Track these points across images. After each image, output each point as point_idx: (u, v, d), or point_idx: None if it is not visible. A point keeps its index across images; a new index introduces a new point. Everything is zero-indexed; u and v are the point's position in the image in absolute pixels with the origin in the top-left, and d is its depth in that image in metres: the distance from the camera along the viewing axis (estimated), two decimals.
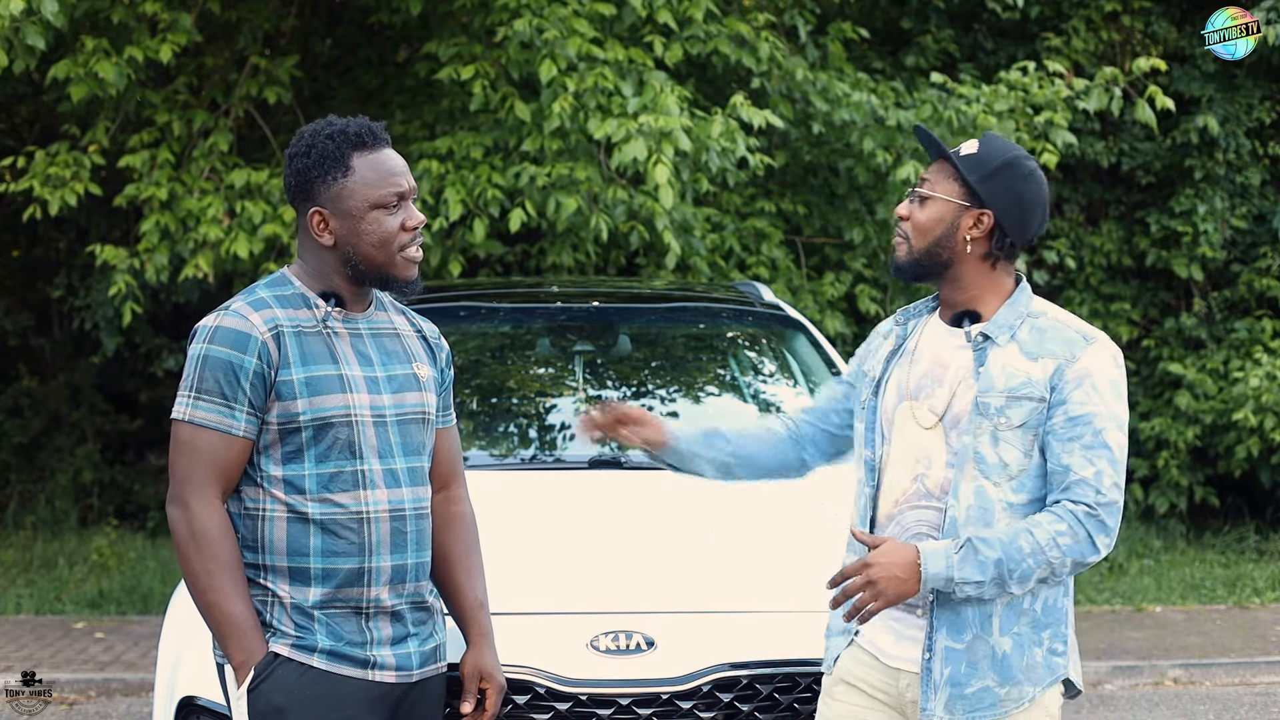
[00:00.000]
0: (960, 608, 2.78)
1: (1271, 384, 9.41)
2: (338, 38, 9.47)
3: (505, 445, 4.68)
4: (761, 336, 5.27)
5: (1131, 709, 6.68)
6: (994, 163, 2.85)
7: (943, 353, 2.89)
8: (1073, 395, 2.77)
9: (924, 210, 2.87)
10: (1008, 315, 2.85)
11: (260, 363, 2.79)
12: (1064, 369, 2.78)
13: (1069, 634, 2.86)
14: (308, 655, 2.80)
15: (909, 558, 2.71)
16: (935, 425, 2.84)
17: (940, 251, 2.86)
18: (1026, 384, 2.78)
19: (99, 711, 6.52)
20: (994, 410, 2.78)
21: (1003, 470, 2.77)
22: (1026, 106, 8.17)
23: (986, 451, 2.78)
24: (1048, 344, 2.81)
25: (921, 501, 2.85)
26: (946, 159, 2.89)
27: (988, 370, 2.80)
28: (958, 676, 2.78)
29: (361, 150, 2.85)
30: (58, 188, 7.50)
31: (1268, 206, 10.41)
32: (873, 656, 2.92)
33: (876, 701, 2.91)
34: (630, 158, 6.81)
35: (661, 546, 3.68)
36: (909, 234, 2.89)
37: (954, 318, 2.90)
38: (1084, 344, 2.81)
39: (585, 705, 3.20)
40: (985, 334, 2.84)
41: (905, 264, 2.90)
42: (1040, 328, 2.83)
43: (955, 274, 2.87)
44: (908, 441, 2.88)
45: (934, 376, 2.87)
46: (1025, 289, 2.90)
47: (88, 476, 10.34)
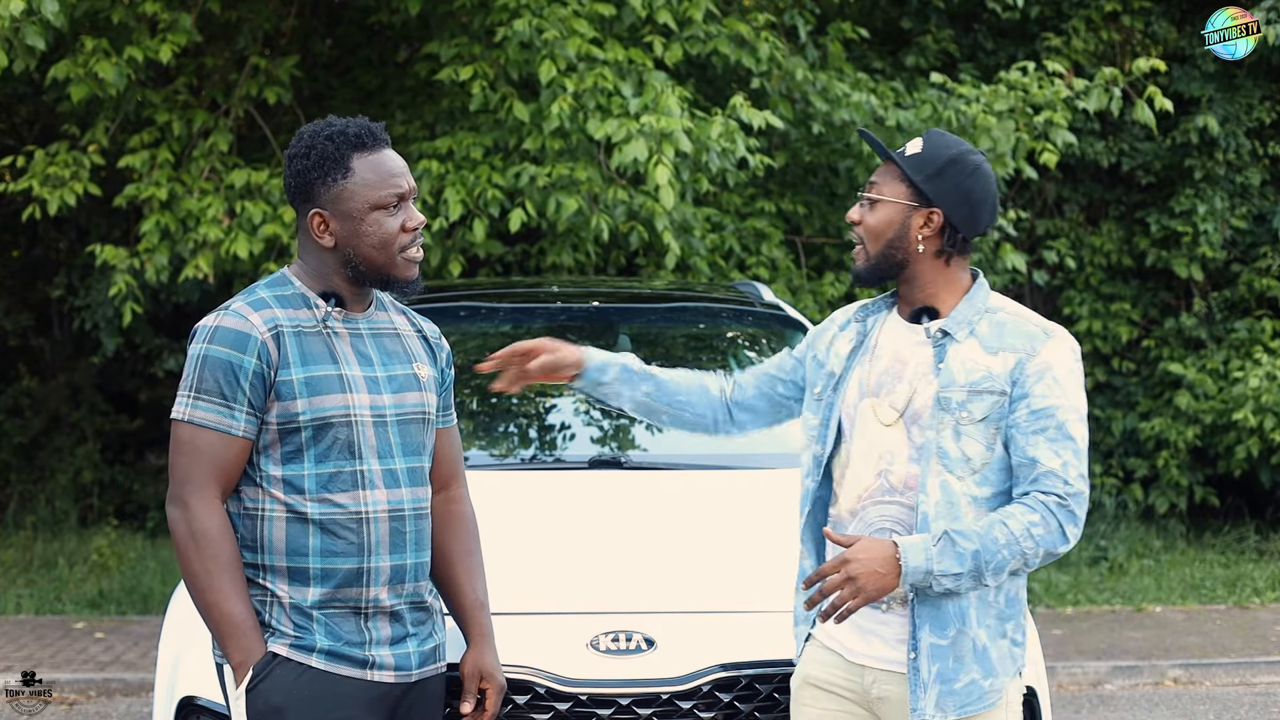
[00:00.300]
0: (941, 603, 2.79)
1: (1271, 384, 9.41)
2: (338, 38, 9.47)
3: (505, 445, 4.68)
4: (761, 336, 5.27)
5: (1131, 709, 6.68)
6: (939, 160, 2.86)
7: (902, 349, 2.91)
8: (1034, 388, 2.78)
9: (874, 214, 2.90)
10: (966, 311, 2.87)
11: (260, 363, 2.79)
12: (1025, 363, 2.80)
13: (1027, 625, 2.90)
14: (306, 655, 2.80)
15: (887, 552, 2.71)
16: (896, 421, 2.86)
17: (894, 253, 2.88)
18: (987, 378, 2.80)
19: (99, 711, 6.52)
20: (955, 405, 2.80)
21: (966, 464, 2.80)
22: (1026, 106, 8.17)
23: (949, 446, 2.80)
24: (1007, 338, 2.83)
25: (885, 497, 2.86)
26: (891, 160, 2.91)
27: (948, 366, 2.83)
28: (946, 673, 2.79)
29: (361, 151, 2.85)
30: (57, 187, 7.50)
31: (1268, 206, 10.41)
32: (836, 655, 2.92)
33: (844, 700, 2.92)
34: (631, 158, 6.82)
35: (661, 546, 3.68)
36: (864, 238, 2.91)
37: (912, 314, 2.92)
38: (1044, 338, 2.83)
39: (585, 705, 3.20)
40: (944, 330, 2.86)
41: (864, 270, 2.93)
42: (999, 322, 2.86)
43: (911, 273, 2.89)
44: (870, 438, 2.89)
45: (894, 373, 2.89)
46: (982, 285, 2.92)
47: (88, 476, 10.34)
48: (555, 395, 4.93)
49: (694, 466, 4.30)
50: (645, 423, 4.76)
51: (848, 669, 2.90)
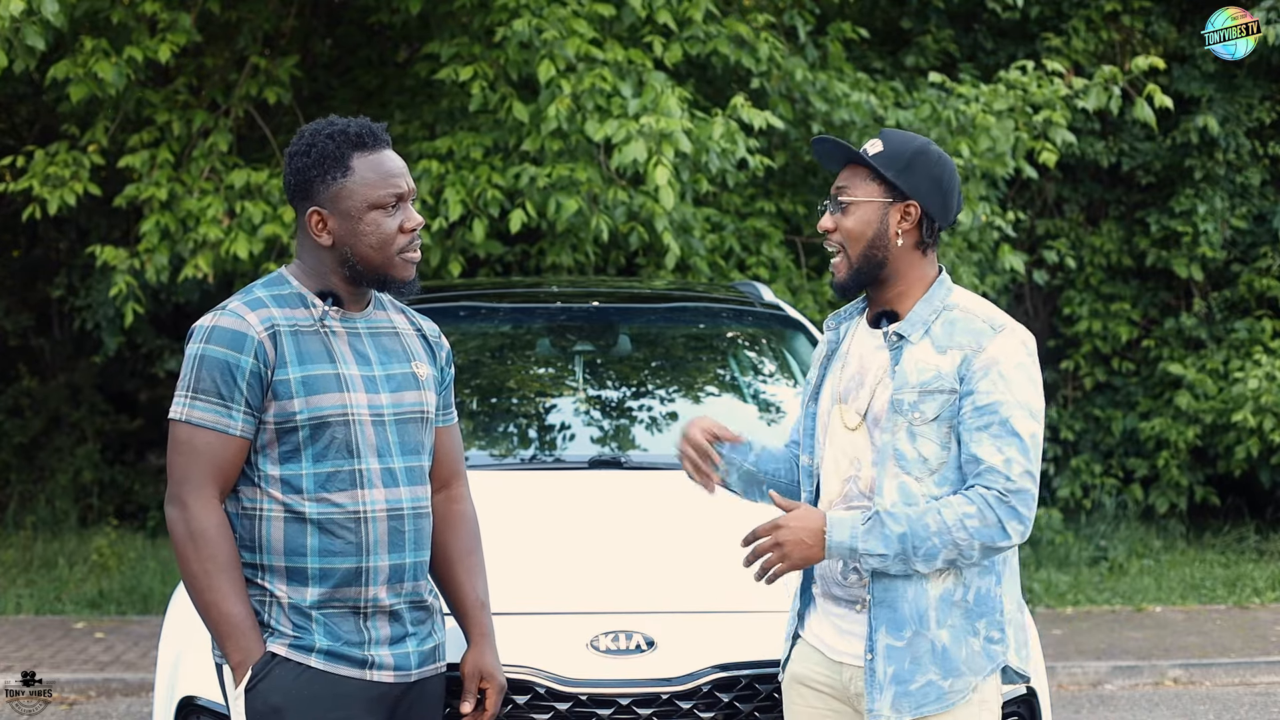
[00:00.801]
0: (897, 604, 2.80)
1: (1271, 384, 9.41)
2: (338, 38, 9.46)
3: (505, 445, 4.68)
4: (761, 336, 5.27)
5: (1131, 709, 6.68)
6: (905, 154, 2.87)
7: (866, 354, 2.93)
8: (979, 385, 2.78)
9: (850, 217, 2.89)
10: (922, 311, 2.88)
11: (257, 362, 2.78)
12: (971, 359, 2.80)
13: (1005, 620, 2.86)
14: (305, 655, 2.80)
15: (817, 524, 2.76)
16: (859, 426, 2.88)
17: (875, 253, 2.88)
18: (936, 377, 2.80)
19: (99, 711, 6.52)
20: (907, 406, 2.81)
21: (923, 465, 2.80)
22: (1026, 106, 8.17)
23: (905, 448, 2.81)
24: (956, 336, 2.83)
25: (855, 503, 2.89)
26: (858, 162, 2.90)
27: (901, 368, 2.84)
28: (901, 674, 2.80)
29: (362, 151, 2.85)
30: (57, 187, 7.50)
31: (1268, 206, 10.41)
32: (819, 652, 2.96)
33: (827, 697, 2.95)
34: (630, 159, 6.81)
35: (661, 547, 3.68)
36: (844, 244, 2.89)
37: (874, 318, 2.94)
38: (991, 333, 2.82)
39: (585, 705, 3.20)
40: (899, 333, 2.87)
41: (847, 278, 2.91)
42: (951, 320, 2.86)
43: (889, 272, 2.89)
44: (839, 445, 2.92)
45: (858, 378, 2.92)
46: (943, 281, 2.92)
47: (88, 476, 10.34)
48: (555, 395, 4.93)
49: None
50: (644, 422, 4.77)
51: (829, 666, 2.93)
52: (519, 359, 5.19)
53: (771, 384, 5.10)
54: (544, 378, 5.08)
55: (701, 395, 5.07)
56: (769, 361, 5.21)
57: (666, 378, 5.08)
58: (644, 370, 5.09)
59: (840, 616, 2.91)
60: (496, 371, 5.08)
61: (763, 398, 5.00)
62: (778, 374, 5.10)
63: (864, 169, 2.89)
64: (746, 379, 5.12)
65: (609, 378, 5.01)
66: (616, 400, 4.88)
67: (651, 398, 4.89)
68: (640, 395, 4.90)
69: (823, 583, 2.95)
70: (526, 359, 5.18)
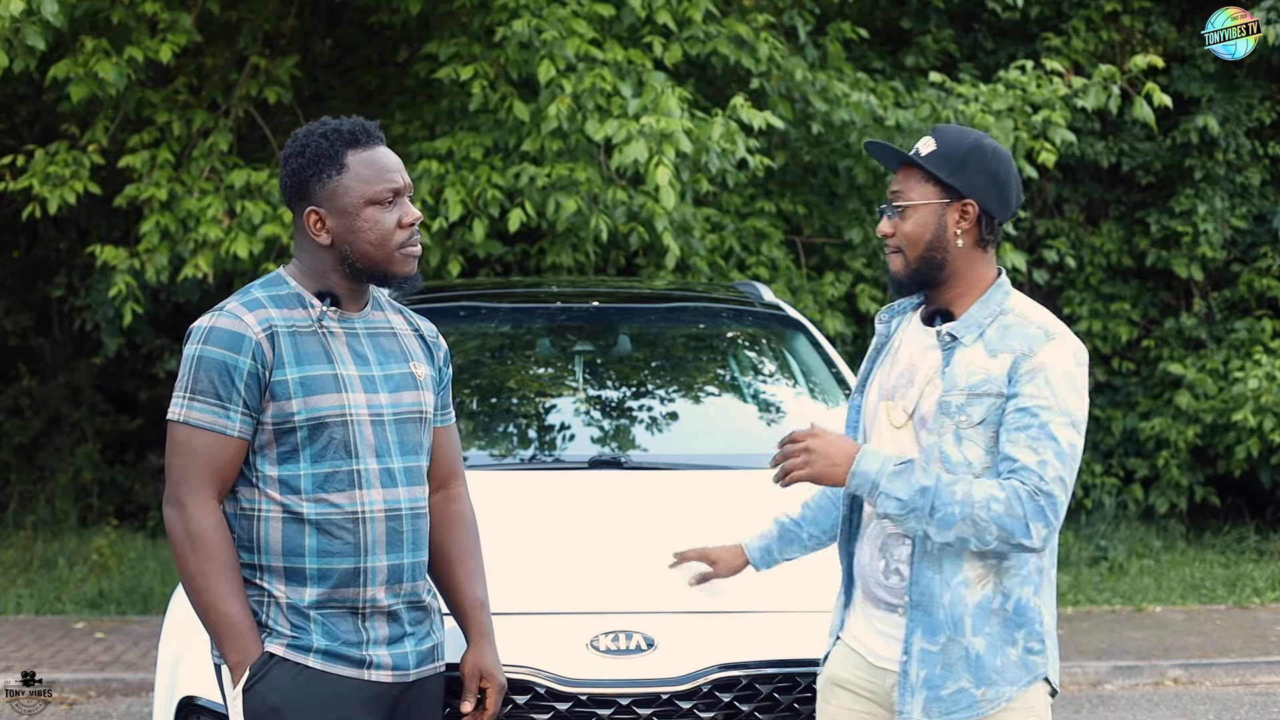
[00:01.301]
0: (933, 609, 2.79)
1: (1271, 384, 9.41)
2: (338, 38, 9.47)
3: (505, 445, 4.67)
4: (761, 336, 5.27)
5: (1131, 709, 6.68)
6: (959, 152, 2.84)
7: (916, 352, 2.91)
8: (1024, 388, 2.75)
9: (907, 221, 2.87)
10: (978, 314, 2.86)
11: (254, 363, 2.78)
12: (1020, 363, 2.77)
13: (1045, 632, 2.84)
14: (303, 655, 2.80)
15: (850, 449, 2.78)
16: (905, 424, 2.86)
17: (935, 255, 2.86)
18: (986, 380, 2.78)
19: (99, 711, 6.52)
20: (955, 409, 2.78)
21: (968, 469, 2.78)
22: (1025, 105, 8.17)
23: (951, 450, 2.79)
24: (1009, 340, 2.81)
25: None
26: (910, 164, 2.88)
27: (952, 370, 2.82)
28: (933, 679, 2.79)
29: (356, 148, 2.85)
30: (57, 186, 7.50)
31: (1268, 206, 10.41)
32: (860, 656, 2.94)
33: (866, 701, 2.93)
34: (631, 159, 6.81)
35: (662, 546, 3.68)
36: (901, 247, 2.88)
37: (927, 316, 2.92)
38: (1044, 339, 2.79)
39: (585, 705, 3.20)
40: (953, 334, 2.85)
41: (905, 278, 2.90)
42: (1006, 324, 2.83)
43: (949, 272, 2.87)
44: (883, 441, 2.90)
45: (908, 376, 2.89)
46: (1001, 285, 2.90)
47: (88, 476, 10.34)
48: (555, 395, 4.93)
49: (694, 466, 4.30)
50: (645, 422, 4.77)
51: (870, 671, 2.92)
52: (519, 359, 5.19)
53: (771, 384, 5.10)
54: (544, 378, 5.07)
55: (701, 395, 5.08)
56: (769, 361, 5.21)
57: (666, 378, 5.08)
58: (644, 370, 5.09)
59: (881, 620, 2.89)
60: (496, 371, 5.08)
61: (763, 398, 5.00)
62: (778, 374, 5.10)
63: (918, 170, 2.86)
64: (746, 379, 5.12)
65: (609, 378, 5.01)
66: (616, 400, 4.88)
67: (651, 398, 4.89)
68: (640, 395, 4.90)
69: (863, 582, 2.93)
70: (526, 359, 5.18)
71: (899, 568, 2.85)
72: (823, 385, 4.91)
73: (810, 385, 4.94)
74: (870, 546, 2.92)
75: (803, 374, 4.99)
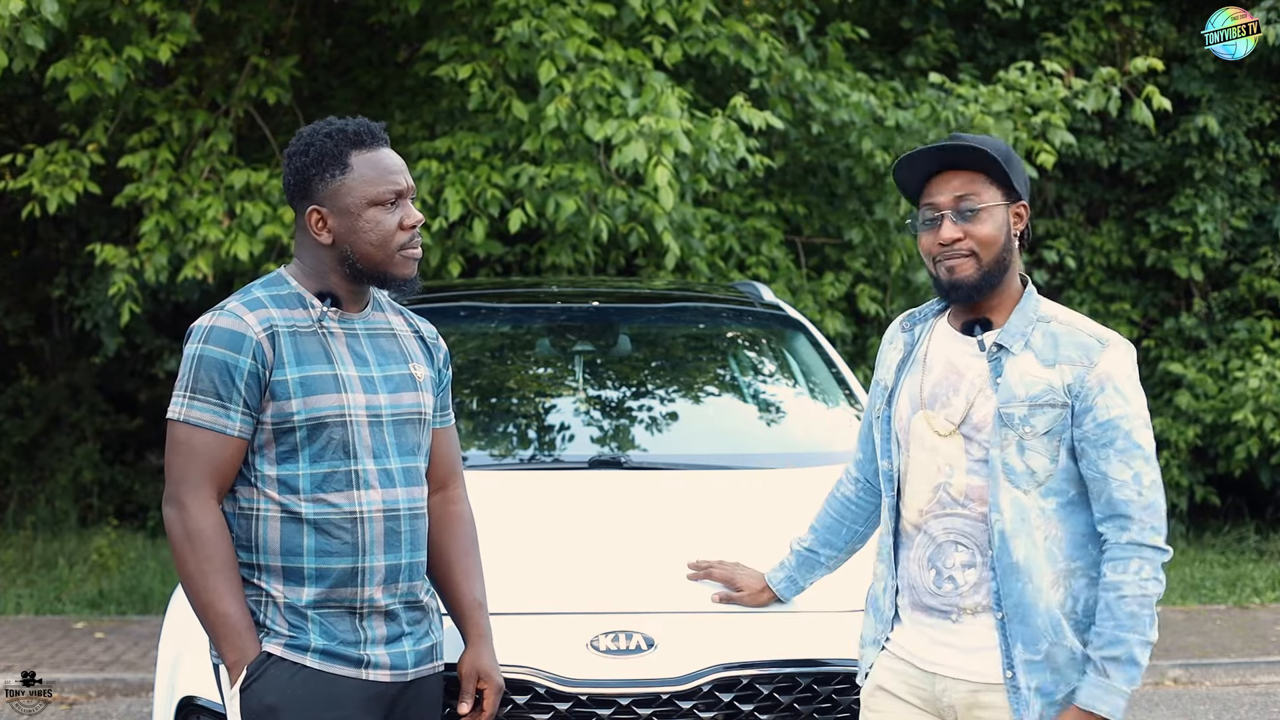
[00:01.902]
0: (1029, 618, 2.78)
1: (1271, 384, 9.41)
2: (338, 38, 9.47)
3: (505, 445, 4.67)
4: (761, 336, 5.27)
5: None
6: (1003, 152, 2.84)
7: (956, 360, 2.88)
8: (1098, 401, 2.76)
9: (983, 224, 2.82)
10: (1019, 322, 2.84)
11: (255, 363, 2.78)
12: (1084, 375, 2.77)
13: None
14: (301, 655, 2.80)
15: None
16: (953, 433, 2.84)
17: (1005, 257, 2.85)
18: (1048, 391, 2.78)
19: (99, 711, 6.52)
20: (1018, 420, 2.78)
21: (1031, 478, 2.78)
22: (1025, 106, 8.17)
23: (1014, 461, 2.78)
24: (1063, 350, 2.80)
25: (948, 510, 2.86)
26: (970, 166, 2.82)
27: (1006, 380, 2.80)
28: (1046, 687, 2.79)
29: (360, 149, 2.86)
30: (56, 185, 7.50)
31: (1268, 206, 10.41)
32: (906, 662, 2.93)
33: (912, 707, 2.93)
34: (630, 159, 6.81)
35: (661, 546, 3.68)
36: (975, 250, 2.82)
37: (965, 325, 2.89)
38: (1100, 348, 2.80)
39: (585, 705, 3.19)
40: (999, 344, 2.83)
41: (978, 282, 2.83)
42: (1053, 333, 2.82)
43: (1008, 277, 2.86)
44: (927, 450, 2.88)
45: (949, 384, 2.86)
46: (1031, 292, 2.89)
47: (88, 476, 10.34)
48: (555, 395, 4.93)
49: (694, 467, 4.30)
50: (644, 422, 4.77)
51: (919, 676, 2.91)
52: (519, 359, 5.18)
53: (771, 384, 5.10)
54: (544, 378, 5.07)
55: (702, 395, 5.07)
56: (769, 361, 5.21)
57: (666, 378, 5.08)
58: (644, 370, 5.09)
59: (933, 626, 2.88)
60: (496, 371, 5.08)
61: (763, 398, 5.00)
62: (778, 374, 5.10)
63: (978, 172, 2.83)
64: (746, 379, 5.12)
65: (609, 378, 5.01)
66: (616, 400, 4.87)
67: (651, 398, 4.89)
68: (640, 395, 4.90)
69: (913, 593, 2.92)
70: (526, 359, 5.18)
71: (953, 575, 2.84)
72: (823, 385, 4.91)
73: (810, 385, 4.94)
74: (918, 557, 2.91)
75: (803, 374, 4.99)
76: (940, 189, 2.85)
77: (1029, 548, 2.78)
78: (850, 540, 3.27)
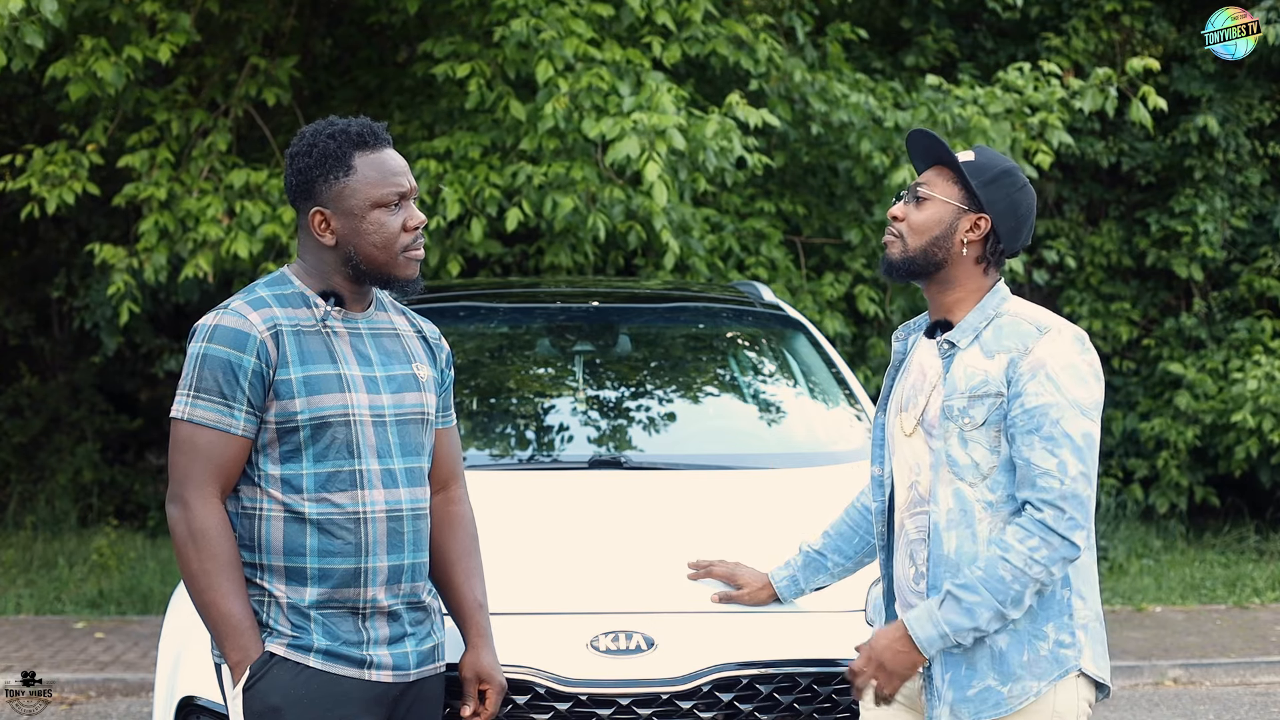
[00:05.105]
0: None
1: (1271, 384, 9.41)
2: (337, 38, 9.47)
3: (505, 445, 4.67)
4: (761, 336, 5.27)
5: (1131, 709, 6.68)
6: (993, 169, 2.90)
7: (924, 362, 2.96)
8: (1027, 386, 2.77)
9: (921, 211, 2.92)
10: (974, 319, 2.89)
11: (259, 362, 2.79)
12: (1017, 361, 2.80)
13: (1077, 624, 2.84)
14: (304, 655, 2.80)
15: (900, 631, 2.80)
16: (914, 431, 2.90)
17: (935, 251, 2.90)
18: (984, 382, 2.81)
19: (99, 711, 6.52)
20: (957, 412, 2.82)
21: (975, 470, 2.81)
22: (1023, 107, 8.17)
23: (957, 453, 2.82)
24: (1004, 339, 2.84)
25: (916, 508, 2.91)
26: (946, 164, 2.93)
27: (952, 374, 2.86)
28: (959, 680, 2.80)
29: (363, 150, 2.86)
30: (55, 186, 7.50)
31: (1268, 206, 10.41)
32: None
33: (900, 705, 2.95)
34: (623, 155, 6.81)
35: (661, 546, 3.68)
36: (903, 233, 2.93)
37: (929, 328, 2.97)
38: (1037, 335, 2.82)
39: (585, 705, 3.20)
40: (950, 340, 2.89)
41: (899, 262, 2.94)
42: (999, 325, 2.87)
43: (947, 275, 2.91)
44: (902, 452, 2.96)
45: (917, 386, 2.94)
46: (998, 291, 2.93)
47: (88, 476, 10.33)
48: (555, 395, 4.93)
49: (694, 467, 4.30)
50: (644, 423, 4.77)
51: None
52: (519, 359, 5.18)
53: (771, 384, 5.10)
54: (544, 378, 5.07)
55: (701, 395, 5.07)
56: (769, 361, 5.21)
57: (666, 378, 5.08)
58: (644, 370, 5.09)
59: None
60: (496, 372, 5.08)
61: (762, 398, 5.00)
62: (778, 374, 5.10)
63: (950, 172, 2.92)
64: (746, 379, 5.12)
65: (609, 378, 5.01)
66: (616, 400, 4.87)
67: (651, 398, 4.89)
68: (640, 395, 4.90)
69: (900, 594, 2.97)
70: (526, 359, 5.18)
71: (923, 570, 2.87)
72: (822, 385, 4.91)
73: (810, 385, 4.94)
74: (902, 557, 2.96)
75: (802, 374, 4.99)
76: (921, 175, 2.98)
77: (966, 541, 2.80)
78: (860, 551, 3.30)
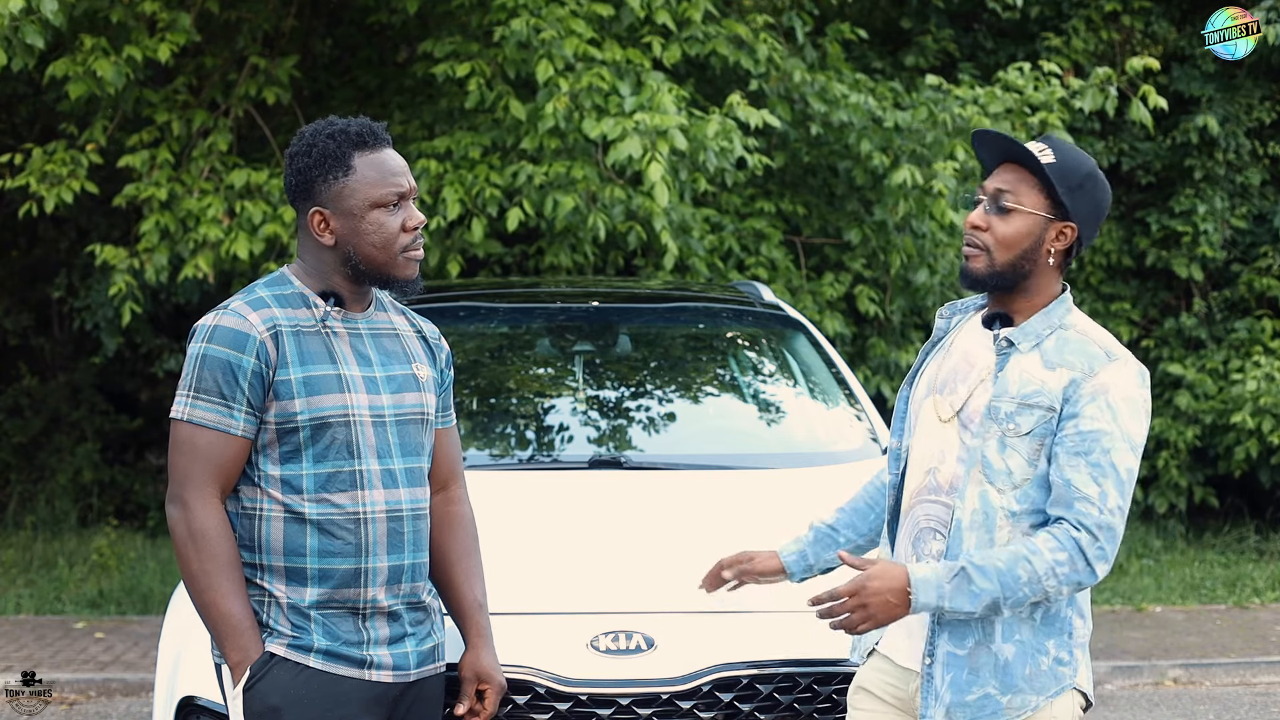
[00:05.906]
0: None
1: (1271, 385, 9.41)
2: (338, 38, 9.47)
3: (505, 445, 4.67)
4: (761, 336, 5.27)
5: (1131, 709, 6.68)
6: (1079, 173, 2.77)
7: (971, 350, 2.87)
8: (1086, 409, 2.69)
9: (1008, 224, 2.78)
10: (1038, 324, 2.80)
11: (258, 362, 2.79)
12: (1080, 382, 2.71)
13: (1075, 644, 2.80)
14: (304, 655, 2.80)
15: (900, 584, 2.67)
16: (950, 420, 2.82)
17: (1024, 265, 2.78)
18: (1039, 392, 2.73)
19: (99, 711, 6.51)
20: (1004, 415, 2.74)
21: (1007, 478, 2.74)
22: (1023, 107, 8.17)
23: (993, 457, 2.75)
24: (1067, 355, 2.75)
25: (930, 496, 2.84)
26: (1028, 167, 2.78)
27: (1005, 375, 2.77)
28: (959, 683, 2.76)
29: (363, 150, 2.85)
30: (54, 185, 7.49)
31: (1268, 206, 10.41)
32: (888, 660, 2.92)
33: (889, 706, 2.91)
34: (625, 155, 6.81)
35: (661, 546, 3.68)
36: (989, 246, 2.79)
37: (986, 318, 2.87)
38: (1105, 360, 2.74)
39: (585, 705, 3.20)
40: (1010, 339, 2.81)
41: (985, 277, 2.80)
42: (1065, 339, 2.78)
43: (1029, 284, 2.81)
44: (927, 434, 2.87)
45: (960, 373, 2.85)
46: (1065, 300, 2.84)
47: (88, 476, 10.33)
48: (554, 395, 4.93)
49: (694, 467, 4.30)
50: (644, 423, 4.77)
51: (897, 674, 2.90)
52: (519, 359, 5.19)
53: (771, 384, 5.10)
54: (544, 378, 5.08)
55: (701, 395, 5.08)
56: (769, 361, 5.21)
57: (666, 378, 5.08)
58: (644, 370, 5.09)
59: (917, 619, 2.84)
60: (496, 371, 5.08)
61: (763, 398, 5.00)
62: (778, 374, 5.10)
63: (1032, 176, 2.78)
64: (746, 379, 5.12)
65: (609, 378, 5.01)
66: (616, 400, 4.88)
67: (651, 398, 4.89)
68: (640, 395, 4.90)
69: None
70: (526, 359, 5.18)
71: (930, 562, 2.79)
72: (823, 385, 4.91)
73: (810, 385, 4.94)
74: (905, 543, 2.89)
75: (803, 374, 4.99)
76: (996, 177, 2.83)
77: (984, 545, 2.74)
78: (874, 529, 3.19)
